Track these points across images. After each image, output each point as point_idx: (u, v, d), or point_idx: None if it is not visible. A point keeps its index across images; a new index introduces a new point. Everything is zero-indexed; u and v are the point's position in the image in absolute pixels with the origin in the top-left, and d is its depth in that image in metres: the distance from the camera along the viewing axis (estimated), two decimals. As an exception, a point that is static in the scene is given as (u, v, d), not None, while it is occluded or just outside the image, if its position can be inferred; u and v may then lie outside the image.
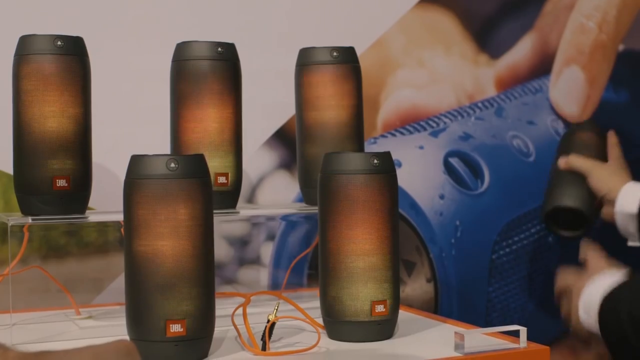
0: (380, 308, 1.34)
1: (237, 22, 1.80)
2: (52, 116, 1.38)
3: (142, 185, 1.21)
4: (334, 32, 1.87)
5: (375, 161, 1.33)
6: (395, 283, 1.36)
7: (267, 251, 1.84)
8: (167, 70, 1.53)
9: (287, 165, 1.85)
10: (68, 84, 1.39)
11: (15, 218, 1.39)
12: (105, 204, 1.62)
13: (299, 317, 1.43)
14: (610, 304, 1.46)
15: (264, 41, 1.82)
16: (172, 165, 1.20)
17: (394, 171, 1.36)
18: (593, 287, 1.51)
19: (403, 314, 1.48)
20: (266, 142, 1.84)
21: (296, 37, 1.81)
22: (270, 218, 1.82)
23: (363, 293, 1.33)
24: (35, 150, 1.38)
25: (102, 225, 1.70)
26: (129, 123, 1.72)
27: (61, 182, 1.38)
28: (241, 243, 1.83)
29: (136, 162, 1.22)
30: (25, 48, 1.39)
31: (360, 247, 1.33)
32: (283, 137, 1.84)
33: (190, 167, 1.22)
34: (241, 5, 1.81)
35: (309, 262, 1.84)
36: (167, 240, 1.20)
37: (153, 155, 1.22)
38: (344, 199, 1.33)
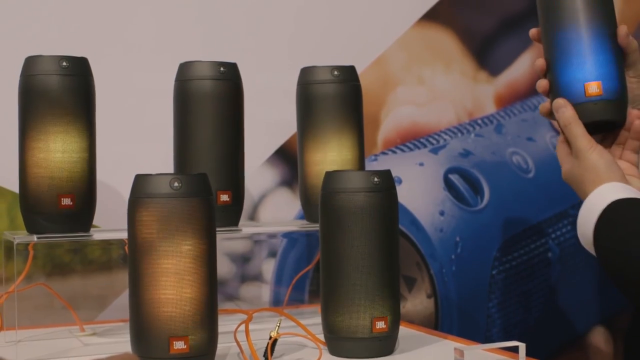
0: (380, 324, 1.35)
1: (240, 41, 1.82)
2: (57, 136, 1.40)
3: (146, 204, 1.22)
4: (335, 51, 1.89)
5: (376, 179, 1.35)
6: (396, 300, 1.38)
7: (268, 268, 1.86)
8: (170, 89, 1.55)
9: (288, 182, 1.87)
10: (73, 104, 1.41)
11: (21, 236, 1.41)
12: (109, 221, 1.63)
13: (300, 333, 1.44)
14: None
15: (266, 60, 1.84)
16: (176, 184, 1.22)
17: (394, 189, 1.38)
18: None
19: (403, 330, 1.50)
20: (268, 159, 1.85)
21: (297, 56, 1.83)
22: (272, 235, 1.84)
23: (364, 310, 1.35)
24: (41, 170, 1.40)
25: (106, 243, 1.71)
26: (132, 141, 1.73)
27: (66, 201, 1.40)
28: (243, 260, 1.85)
29: (140, 182, 1.24)
30: (31, 68, 1.41)
31: (361, 264, 1.34)
32: (284, 155, 1.86)
33: (194, 186, 1.23)
34: (243, 25, 1.83)
35: (310, 278, 1.85)
36: (171, 258, 1.22)
37: (157, 174, 1.24)
38: (345, 216, 1.34)
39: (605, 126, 1.37)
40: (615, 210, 1.26)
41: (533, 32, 1.42)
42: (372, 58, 1.95)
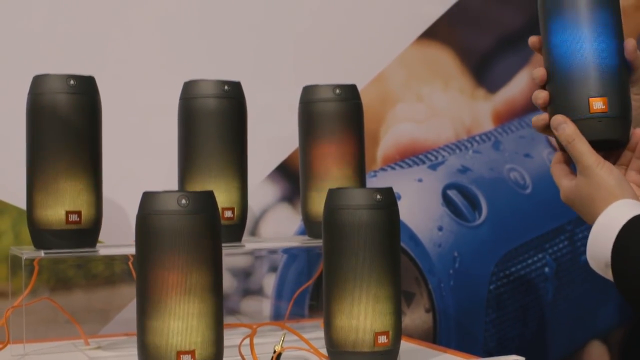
0: (382, 339, 1.37)
1: (243, 60, 1.84)
2: (64, 154, 1.42)
3: (154, 221, 1.24)
4: (335, 68, 1.92)
5: (378, 197, 1.37)
6: (398, 314, 1.40)
7: (269, 282, 1.87)
8: (174, 107, 1.57)
9: (289, 198, 1.89)
10: (80, 122, 1.43)
11: (28, 252, 1.43)
12: (112, 236, 1.65)
13: (304, 347, 1.46)
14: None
15: (268, 78, 1.86)
16: (183, 201, 1.24)
17: (396, 206, 1.40)
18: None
19: (404, 345, 1.51)
20: (269, 175, 1.87)
21: (299, 73, 1.86)
22: (273, 251, 1.86)
23: (366, 324, 1.37)
24: (48, 186, 1.42)
25: (109, 258, 1.73)
26: (136, 158, 1.75)
27: (73, 217, 1.42)
28: (244, 275, 1.86)
29: (148, 198, 1.26)
30: (39, 87, 1.43)
31: (364, 279, 1.36)
32: (285, 171, 1.88)
33: (201, 203, 1.25)
34: (247, 44, 1.85)
35: (310, 293, 1.87)
36: (178, 274, 1.24)
37: (164, 191, 1.26)
38: (348, 233, 1.37)
39: (606, 145, 1.29)
40: (637, 227, 1.18)
41: (533, 40, 1.35)
42: (372, 75, 1.97)
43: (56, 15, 1.72)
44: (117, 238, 1.67)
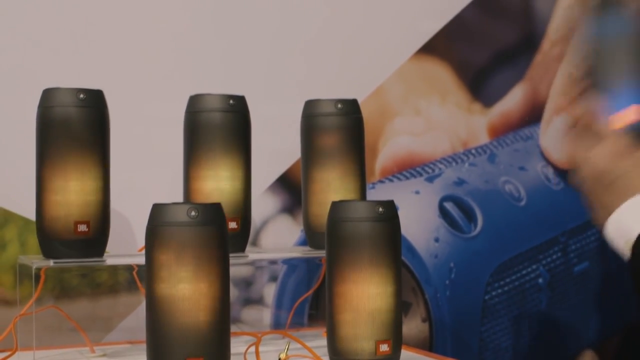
0: (384, 347, 1.40)
1: (247, 73, 1.87)
2: (73, 165, 1.44)
3: (163, 232, 1.27)
4: (335, 82, 1.94)
5: (380, 209, 1.40)
6: (398, 323, 1.42)
7: (269, 292, 1.90)
8: (179, 120, 1.60)
9: (289, 209, 1.91)
10: (89, 135, 1.45)
11: (38, 261, 1.45)
12: (116, 246, 1.67)
13: (307, 355, 1.49)
14: None
15: (270, 91, 1.90)
16: (193, 213, 1.27)
17: (397, 218, 1.43)
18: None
19: (405, 353, 1.54)
20: (270, 187, 1.90)
21: (300, 86, 1.88)
22: (274, 261, 1.88)
23: (368, 333, 1.39)
24: (58, 197, 1.44)
25: (114, 267, 1.76)
26: (141, 169, 1.78)
27: (82, 227, 1.44)
28: (245, 284, 1.89)
29: (158, 210, 1.28)
30: (49, 100, 1.45)
31: (366, 289, 1.39)
32: (286, 182, 1.91)
33: (210, 214, 1.28)
34: (250, 58, 1.89)
35: (309, 302, 1.90)
36: (187, 283, 1.26)
37: (174, 203, 1.28)
38: (350, 244, 1.39)
39: None
40: None
41: None
42: (371, 89, 2.00)
43: (65, 29, 1.74)
44: (121, 247, 1.69)
